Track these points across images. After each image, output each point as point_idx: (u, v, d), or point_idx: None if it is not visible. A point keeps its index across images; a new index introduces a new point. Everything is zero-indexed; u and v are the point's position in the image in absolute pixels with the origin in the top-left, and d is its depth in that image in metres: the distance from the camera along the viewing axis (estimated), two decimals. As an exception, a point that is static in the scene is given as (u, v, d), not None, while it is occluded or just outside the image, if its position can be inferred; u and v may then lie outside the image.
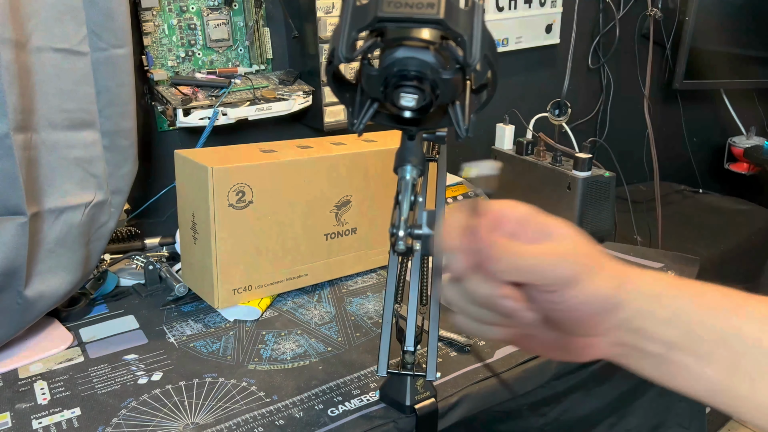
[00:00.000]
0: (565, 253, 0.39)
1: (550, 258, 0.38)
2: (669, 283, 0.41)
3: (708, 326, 0.39)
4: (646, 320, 0.39)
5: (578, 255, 0.39)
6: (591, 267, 0.39)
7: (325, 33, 0.95)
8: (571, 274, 0.38)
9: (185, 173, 0.77)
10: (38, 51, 0.69)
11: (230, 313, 0.79)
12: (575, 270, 0.38)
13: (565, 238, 0.40)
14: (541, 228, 0.41)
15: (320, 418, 0.60)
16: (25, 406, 0.62)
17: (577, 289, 0.38)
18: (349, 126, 0.45)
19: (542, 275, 0.38)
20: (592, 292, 0.38)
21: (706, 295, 0.40)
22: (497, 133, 1.16)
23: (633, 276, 0.40)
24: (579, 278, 0.38)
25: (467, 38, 0.38)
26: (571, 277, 0.38)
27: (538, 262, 0.38)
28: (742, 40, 1.41)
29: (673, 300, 0.39)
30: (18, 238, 0.67)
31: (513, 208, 0.42)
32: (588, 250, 0.39)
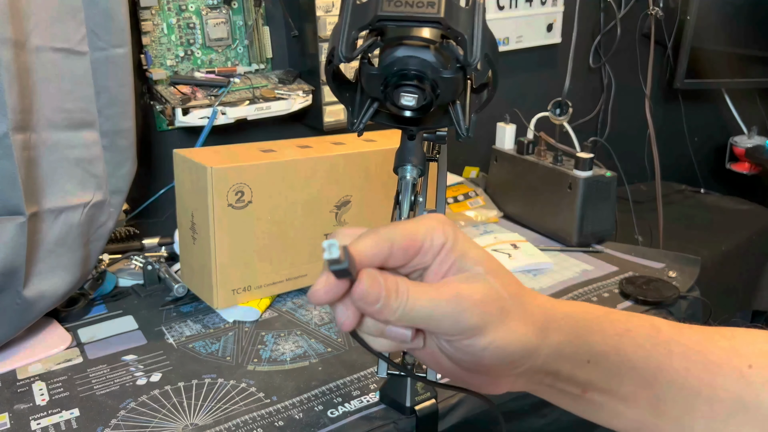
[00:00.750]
0: (471, 298, 0.33)
1: (451, 306, 0.33)
2: (593, 321, 0.38)
3: (631, 367, 0.36)
4: (565, 363, 0.37)
5: (488, 301, 0.34)
6: (504, 314, 0.34)
7: (324, 32, 0.95)
8: (476, 323, 0.33)
9: (184, 173, 0.77)
10: (37, 51, 0.68)
11: (229, 314, 0.79)
12: (482, 319, 0.33)
13: (478, 279, 0.34)
14: (457, 262, 0.34)
15: (320, 419, 0.59)
16: (24, 407, 0.62)
17: (483, 338, 0.34)
18: (348, 126, 0.45)
19: (438, 325, 0.33)
20: (501, 344, 0.34)
21: (632, 333, 0.37)
22: (498, 133, 1.15)
23: (556, 317, 0.37)
24: (486, 328, 0.33)
25: (468, 37, 0.38)
26: (477, 327, 0.33)
27: (435, 310, 0.33)
28: (743, 39, 1.40)
29: (595, 341, 0.37)
30: (17, 238, 0.67)
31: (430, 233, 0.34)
32: (503, 293, 0.34)
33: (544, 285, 0.88)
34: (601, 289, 0.87)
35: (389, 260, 0.33)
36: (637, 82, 1.37)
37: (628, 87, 1.42)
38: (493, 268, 0.35)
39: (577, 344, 0.37)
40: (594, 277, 0.91)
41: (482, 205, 1.16)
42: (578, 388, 0.38)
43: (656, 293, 0.83)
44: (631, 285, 0.85)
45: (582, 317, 0.38)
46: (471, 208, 1.14)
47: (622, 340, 0.37)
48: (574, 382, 0.38)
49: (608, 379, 0.37)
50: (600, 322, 0.38)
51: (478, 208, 1.15)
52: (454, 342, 0.34)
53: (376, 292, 0.31)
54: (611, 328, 0.38)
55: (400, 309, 0.32)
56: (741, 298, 1.22)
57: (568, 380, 0.37)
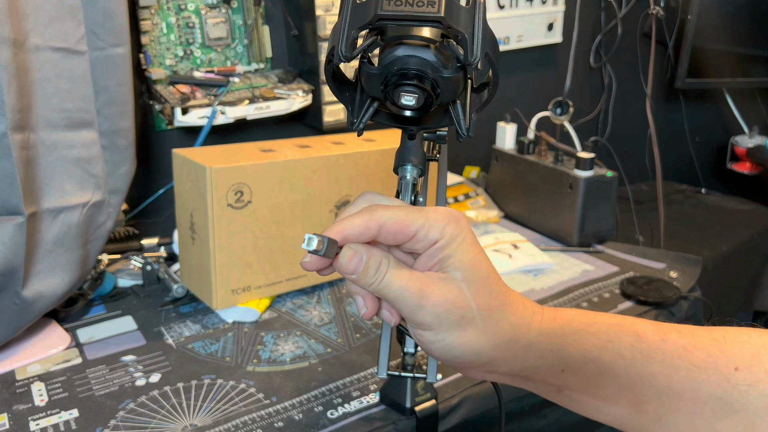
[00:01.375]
0: (430, 298, 0.35)
1: (413, 298, 0.35)
2: (572, 335, 0.38)
3: (611, 375, 0.37)
4: (536, 372, 0.38)
5: (448, 306, 0.36)
6: (464, 321, 0.36)
7: (324, 31, 0.94)
8: (428, 321, 0.36)
9: (183, 173, 0.77)
10: (36, 50, 0.68)
11: (229, 314, 0.79)
12: (436, 319, 0.36)
13: (450, 283, 0.36)
14: (441, 261, 0.36)
15: (320, 420, 0.59)
16: (23, 408, 0.62)
17: (433, 335, 0.36)
18: (348, 125, 0.45)
19: (400, 309, 0.36)
20: (447, 345, 0.36)
21: (613, 344, 0.38)
22: (498, 133, 1.15)
23: (528, 337, 0.38)
24: (439, 327, 0.36)
25: (468, 37, 0.38)
26: (428, 324, 0.36)
27: (400, 295, 0.36)
28: (744, 38, 1.40)
29: (571, 354, 0.38)
30: (16, 238, 0.67)
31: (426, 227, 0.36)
32: (469, 303, 0.36)
33: (545, 285, 0.87)
34: (601, 289, 0.87)
35: (379, 239, 0.36)
36: (638, 82, 1.37)
37: (628, 86, 1.42)
38: (474, 277, 0.36)
39: (549, 359, 0.38)
40: (595, 277, 0.90)
41: (483, 205, 1.16)
42: (553, 388, 0.39)
43: (657, 293, 0.83)
44: (632, 285, 0.85)
45: (561, 332, 0.39)
46: (471, 208, 1.14)
47: (601, 353, 0.38)
48: (548, 384, 0.39)
49: (585, 384, 0.38)
50: (580, 335, 0.38)
51: (478, 208, 1.15)
52: (429, 334, 0.37)
53: (353, 265, 0.36)
54: (591, 340, 0.38)
55: (375, 284, 0.36)
56: (742, 298, 1.22)
57: (541, 382, 0.39)
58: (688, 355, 0.37)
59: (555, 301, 0.83)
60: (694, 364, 0.36)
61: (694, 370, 0.36)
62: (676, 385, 0.36)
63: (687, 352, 0.37)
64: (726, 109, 1.49)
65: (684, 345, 0.37)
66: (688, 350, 0.37)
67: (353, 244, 0.36)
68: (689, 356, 0.37)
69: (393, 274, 0.36)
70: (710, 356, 0.36)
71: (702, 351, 0.37)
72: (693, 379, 0.36)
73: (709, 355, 0.36)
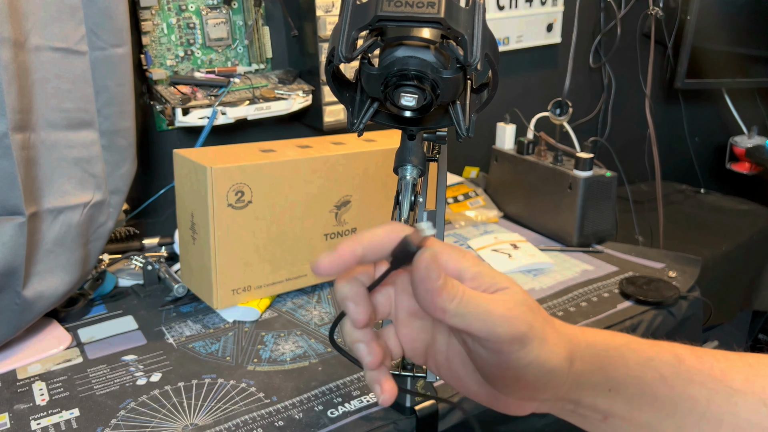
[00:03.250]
0: (522, 308, 0.35)
1: (506, 311, 0.34)
2: (615, 350, 0.38)
3: (653, 396, 0.37)
4: (587, 392, 0.37)
5: (534, 316, 0.35)
6: (545, 333, 0.35)
7: (324, 32, 0.94)
8: (524, 332, 0.34)
9: (184, 173, 0.77)
10: (37, 50, 0.68)
11: (229, 314, 0.79)
12: (531, 330, 0.34)
13: (518, 295, 0.35)
14: (491, 281, 0.35)
15: (320, 420, 0.59)
16: (24, 407, 0.62)
17: (523, 353, 0.34)
18: (348, 126, 0.45)
19: (492, 328, 0.34)
20: (538, 361, 0.35)
21: (654, 362, 0.37)
22: (498, 133, 1.15)
23: (579, 346, 0.37)
24: (533, 341, 0.34)
25: (468, 37, 0.38)
26: (525, 337, 0.34)
27: (490, 311, 0.34)
28: (744, 39, 1.40)
29: (617, 370, 0.37)
30: (16, 238, 0.67)
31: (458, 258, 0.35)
32: (539, 314, 0.36)
33: (545, 285, 0.88)
34: (601, 289, 0.87)
35: None
36: (637, 82, 1.37)
37: (628, 87, 1.42)
38: (526, 294, 0.36)
39: (599, 374, 0.37)
40: (594, 277, 0.90)
41: (482, 205, 1.16)
42: (599, 415, 0.38)
43: (657, 293, 0.83)
44: (631, 285, 0.85)
45: (603, 347, 0.38)
46: (471, 208, 1.14)
47: (644, 370, 0.37)
48: (595, 410, 0.38)
49: (629, 407, 0.37)
50: (621, 351, 0.38)
51: (478, 208, 1.15)
52: (502, 353, 0.34)
53: (437, 269, 0.32)
54: (633, 357, 0.38)
55: (456, 299, 0.33)
56: (741, 298, 1.22)
57: (589, 407, 0.38)
58: (725, 378, 0.36)
59: (555, 300, 0.83)
60: (732, 387, 0.36)
61: (733, 394, 0.36)
62: (715, 409, 0.36)
63: (724, 375, 0.36)
64: (725, 109, 1.49)
65: (721, 368, 0.37)
66: (725, 373, 0.37)
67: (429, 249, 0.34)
68: (726, 379, 0.36)
69: (470, 291, 0.34)
70: (747, 380, 0.36)
71: (738, 374, 0.36)
72: (732, 402, 0.36)
73: (746, 379, 0.36)
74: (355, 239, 0.34)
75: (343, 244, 0.33)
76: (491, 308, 0.34)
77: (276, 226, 0.78)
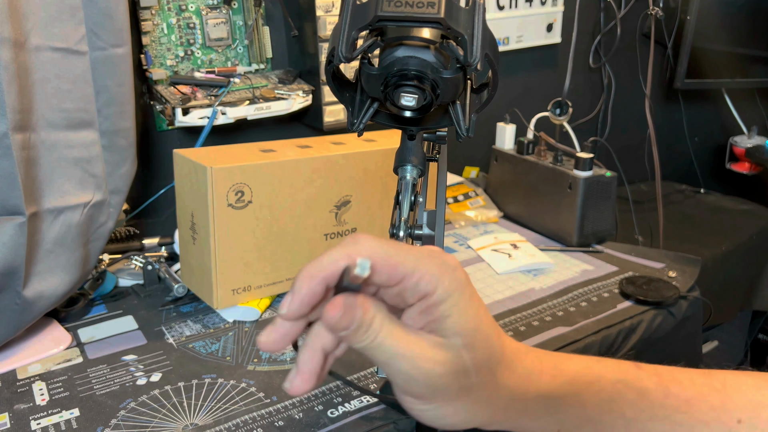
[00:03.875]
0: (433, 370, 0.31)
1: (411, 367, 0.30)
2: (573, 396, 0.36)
3: None
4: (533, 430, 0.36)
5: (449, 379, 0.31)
6: (463, 392, 0.32)
7: (324, 32, 0.94)
8: (423, 393, 0.31)
9: (184, 173, 0.77)
10: (37, 50, 0.68)
11: (229, 314, 0.79)
12: (433, 392, 0.31)
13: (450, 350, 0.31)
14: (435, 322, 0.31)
15: (320, 419, 0.59)
16: (24, 407, 0.62)
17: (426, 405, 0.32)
18: (348, 126, 0.45)
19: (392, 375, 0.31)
20: (441, 415, 0.33)
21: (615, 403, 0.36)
22: (498, 133, 1.15)
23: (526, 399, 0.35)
24: (434, 398, 0.32)
25: (468, 37, 0.38)
26: (424, 396, 0.32)
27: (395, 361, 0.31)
28: (743, 39, 1.40)
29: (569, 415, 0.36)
30: (16, 238, 0.67)
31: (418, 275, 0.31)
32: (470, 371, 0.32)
33: (544, 285, 0.88)
34: (601, 289, 0.87)
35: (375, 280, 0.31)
36: (637, 82, 1.37)
37: (628, 87, 1.42)
38: (477, 342, 0.32)
39: (545, 420, 0.36)
40: (594, 277, 0.90)
41: (482, 205, 1.16)
42: None
43: (656, 293, 0.83)
44: (631, 285, 0.85)
45: (561, 393, 0.36)
46: (471, 208, 1.14)
47: (602, 413, 0.36)
48: None
49: None
50: (580, 396, 0.36)
51: (478, 208, 1.15)
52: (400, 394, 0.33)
53: (347, 319, 0.30)
54: (592, 400, 0.36)
55: (364, 343, 0.30)
56: (741, 298, 1.22)
57: None
58: (690, 410, 0.36)
59: (555, 300, 0.83)
60: (697, 419, 0.36)
61: (697, 426, 0.35)
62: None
63: (689, 406, 0.36)
64: (725, 109, 1.50)
65: (686, 399, 0.36)
66: (690, 404, 0.36)
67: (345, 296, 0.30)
68: (692, 410, 0.36)
69: (388, 334, 0.30)
70: (713, 409, 0.36)
71: (704, 404, 0.36)
72: None
73: (712, 408, 0.36)
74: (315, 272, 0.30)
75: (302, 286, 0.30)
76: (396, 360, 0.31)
77: (276, 226, 0.78)
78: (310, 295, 0.30)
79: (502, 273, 0.91)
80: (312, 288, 0.30)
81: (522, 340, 0.73)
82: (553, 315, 0.79)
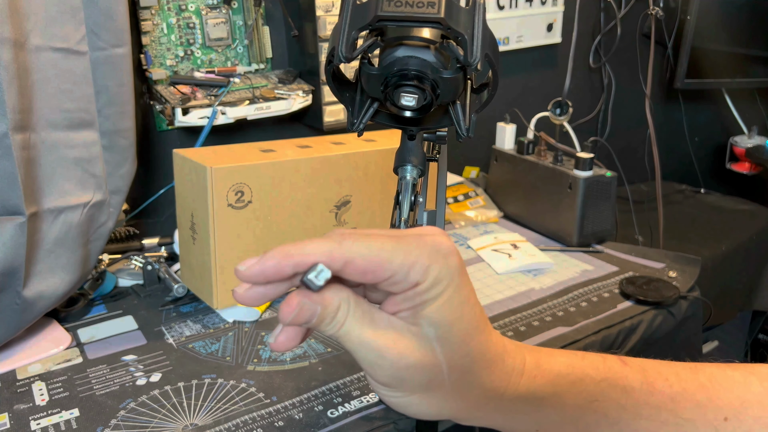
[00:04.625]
0: (400, 361, 0.31)
1: (377, 356, 0.31)
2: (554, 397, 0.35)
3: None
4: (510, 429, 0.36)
5: (416, 370, 0.31)
6: (432, 385, 0.32)
7: (324, 32, 0.94)
8: (389, 383, 0.31)
9: (184, 173, 0.77)
10: (37, 50, 0.68)
11: (229, 314, 0.79)
12: (399, 382, 0.31)
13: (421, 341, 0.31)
14: (414, 310, 0.31)
15: (320, 420, 0.59)
16: (24, 407, 0.62)
17: (394, 393, 0.32)
18: (348, 126, 0.45)
19: (361, 362, 0.32)
20: (407, 405, 0.33)
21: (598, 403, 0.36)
22: (498, 133, 1.15)
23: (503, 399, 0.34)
24: (401, 387, 0.32)
25: (468, 37, 0.38)
26: (390, 386, 0.32)
27: (362, 351, 0.31)
28: (744, 39, 1.40)
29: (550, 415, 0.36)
30: (16, 238, 0.67)
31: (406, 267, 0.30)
32: (441, 365, 0.31)
33: (544, 285, 0.88)
34: (601, 289, 0.87)
35: (342, 275, 0.30)
36: (637, 82, 1.37)
37: (628, 87, 1.42)
38: (452, 335, 0.31)
39: (521, 420, 0.36)
40: (594, 277, 0.90)
41: (482, 205, 1.16)
42: None
43: (656, 293, 0.83)
44: (631, 285, 0.85)
45: (541, 394, 0.35)
46: (471, 208, 1.14)
47: (584, 413, 0.36)
48: None
49: None
50: (561, 396, 0.35)
51: (478, 208, 1.15)
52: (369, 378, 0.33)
53: (303, 316, 0.30)
54: (574, 400, 0.35)
55: (331, 331, 0.31)
56: (741, 298, 1.22)
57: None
58: (676, 407, 0.35)
59: (555, 300, 0.83)
60: (682, 417, 0.35)
61: (682, 424, 0.35)
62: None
63: (675, 404, 0.35)
64: (725, 109, 1.50)
65: (672, 396, 0.36)
66: (676, 401, 0.35)
67: (301, 290, 0.30)
68: (677, 408, 0.35)
69: (354, 323, 0.30)
70: (699, 406, 0.35)
71: (690, 401, 0.35)
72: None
73: (698, 405, 0.35)
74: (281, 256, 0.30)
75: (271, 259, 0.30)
76: (362, 350, 0.31)
77: (276, 226, 0.78)
78: (274, 273, 0.29)
79: (502, 273, 0.91)
80: (279, 267, 0.29)
81: (522, 340, 0.73)
82: (553, 315, 0.79)
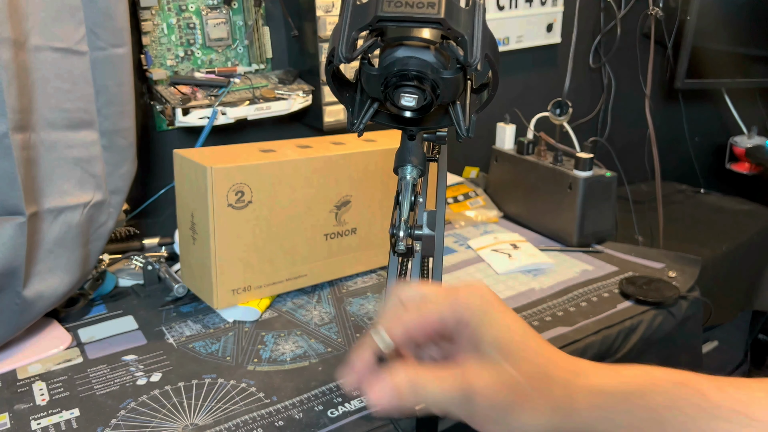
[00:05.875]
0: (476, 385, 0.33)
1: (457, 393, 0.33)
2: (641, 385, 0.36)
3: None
4: None
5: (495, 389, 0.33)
6: (520, 400, 0.34)
7: (324, 32, 0.94)
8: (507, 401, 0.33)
9: (184, 173, 0.77)
10: (37, 50, 0.68)
11: (229, 314, 0.79)
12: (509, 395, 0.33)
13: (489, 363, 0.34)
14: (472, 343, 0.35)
15: (320, 419, 0.59)
16: (24, 407, 0.62)
17: (518, 418, 0.34)
18: (348, 126, 0.45)
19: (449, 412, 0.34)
20: (536, 423, 0.34)
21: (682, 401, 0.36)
22: (498, 133, 1.15)
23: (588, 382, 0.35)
24: (518, 404, 0.34)
25: (468, 38, 0.38)
26: (508, 405, 0.34)
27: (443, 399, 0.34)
28: (744, 39, 1.40)
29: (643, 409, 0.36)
30: (16, 238, 0.67)
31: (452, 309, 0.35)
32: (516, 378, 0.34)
33: (544, 285, 0.88)
34: (601, 289, 0.87)
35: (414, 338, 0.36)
36: (637, 82, 1.37)
37: (628, 87, 1.42)
38: (510, 345, 0.34)
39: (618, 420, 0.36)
40: (594, 277, 0.91)
41: (482, 205, 1.16)
42: None
43: (656, 293, 0.83)
44: (631, 285, 0.85)
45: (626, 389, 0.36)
46: (471, 208, 1.14)
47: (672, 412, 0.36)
48: None
49: None
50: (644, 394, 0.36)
51: (478, 208, 1.15)
52: None
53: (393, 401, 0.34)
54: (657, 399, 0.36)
55: (411, 402, 0.34)
56: (741, 298, 1.22)
57: None
58: (747, 410, 0.36)
59: (555, 300, 0.83)
60: (755, 419, 0.35)
61: (757, 426, 0.35)
62: None
63: (746, 407, 0.36)
64: (725, 109, 1.50)
65: (743, 399, 0.36)
66: (747, 405, 0.36)
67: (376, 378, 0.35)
68: (749, 411, 0.36)
69: (422, 379, 0.34)
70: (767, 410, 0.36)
71: (759, 405, 0.36)
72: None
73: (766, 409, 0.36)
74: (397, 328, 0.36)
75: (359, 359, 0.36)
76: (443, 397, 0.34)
77: (276, 226, 0.78)
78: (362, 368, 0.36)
79: (502, 273, 0.91)
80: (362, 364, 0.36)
81: (522, 340, 0.73)
82: (553, 315, 0.80)
